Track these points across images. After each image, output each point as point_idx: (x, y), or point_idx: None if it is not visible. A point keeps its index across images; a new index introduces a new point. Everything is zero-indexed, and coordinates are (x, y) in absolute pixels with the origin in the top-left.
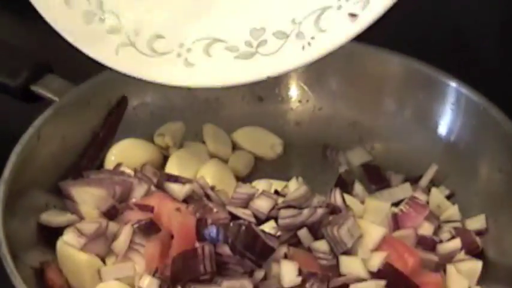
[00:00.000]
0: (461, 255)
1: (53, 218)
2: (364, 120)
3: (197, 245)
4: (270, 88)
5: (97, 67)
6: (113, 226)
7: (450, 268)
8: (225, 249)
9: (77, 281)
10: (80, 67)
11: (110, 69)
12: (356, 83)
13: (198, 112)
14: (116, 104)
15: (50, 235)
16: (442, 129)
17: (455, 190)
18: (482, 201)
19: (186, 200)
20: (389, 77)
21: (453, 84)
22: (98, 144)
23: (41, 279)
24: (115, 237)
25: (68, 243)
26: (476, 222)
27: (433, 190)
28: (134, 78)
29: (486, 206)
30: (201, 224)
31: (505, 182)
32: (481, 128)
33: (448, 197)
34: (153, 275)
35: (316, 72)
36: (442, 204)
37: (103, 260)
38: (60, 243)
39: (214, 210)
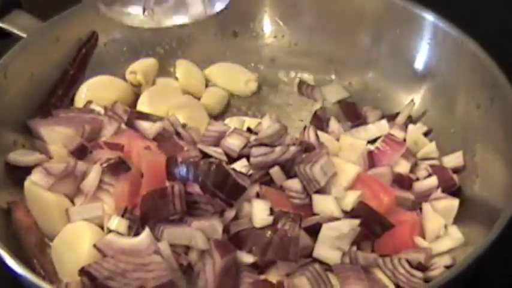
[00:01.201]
0: (438, 193)
1: (21, 157)
2: (341, 56)
3: (167, 184)
4: (244, 23)
5: (66, 3)
6: (81, 165)
7: (426, 206)
8: (195, 188)
9: (45, 221)
10: (49, 3)
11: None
12: (332, 18)
13: (171, 48)
14: (86, 41)
15: (18, 175)
16: (419, 64)
17: (433, 127)
18: (460, 138)
19: (157, 139)
20: (365, 12)
21: (430, 18)
22: (67, 82)
23: (8, 220)
24: (84, 176)
25: (36, 183)
26: (453, 160)
27: (410, 127)
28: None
29: (464, 142)
30: (171, 162)
31: (482, 118)
32: (459, 63)
33: (426, 134)
34: (123, 216)
35: (291, 6)
36: (419, 141)
37: (72, 200)
38: (27, 183)
39: (185, 148)
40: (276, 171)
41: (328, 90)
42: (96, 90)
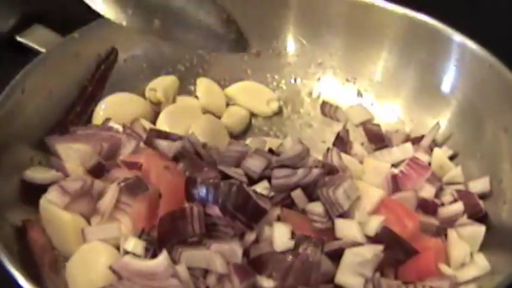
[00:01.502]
0: (464, 219)
1: (37, 174)
2: (365, 76)
3: (186, 205)
4: (267, 42)
5: (86, 18)
6: (98, 184)
7: (451, 233)
8: (215, 210)
9: (60, 240)
10: (69, 18)
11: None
12: (357, 37)
13: (192, 66)
14: (106, 57)
15: (34, 193)
16: (446, 86)
17: (459, 151)
18: (487, 163)
19: (176, 158)
20: (391, 32)
21: (457, 39)
22: (86, 99)
23: (22, 238)
24: (100, 195)
25: (52, 202)
26: (479, 185)
27: (436, 150)
28: None
29: (490, 167)
30: (190, 183)
31: (510, 142)
32: (487, 86)
33: (451, 158)
34: (140, 237)
35: (315, 25)
36: (445, 166)
37: (88, 220)
38: (43, 202)
39: (205, 168)
40: (298, 194)
41: (352, 111)
42: (115, 108)
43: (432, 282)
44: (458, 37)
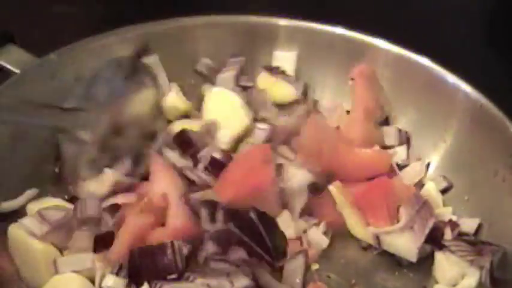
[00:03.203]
0: None
1: None
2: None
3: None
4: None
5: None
6: None
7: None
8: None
9: (29, 270)
10: (45, 38)
11: None
12: (417, 106)
13: None
14: None
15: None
16: None
17: None
18: None
19: None
20: (455, 108)
21: None
22: None
23: None
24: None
25: (28, 230)
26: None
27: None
28: None
29: None
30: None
31: None
32: None
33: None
34: (117, 273)
35: None
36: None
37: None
38: (12, 228)
39: None
40: None
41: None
42: None
43: None
44: None
